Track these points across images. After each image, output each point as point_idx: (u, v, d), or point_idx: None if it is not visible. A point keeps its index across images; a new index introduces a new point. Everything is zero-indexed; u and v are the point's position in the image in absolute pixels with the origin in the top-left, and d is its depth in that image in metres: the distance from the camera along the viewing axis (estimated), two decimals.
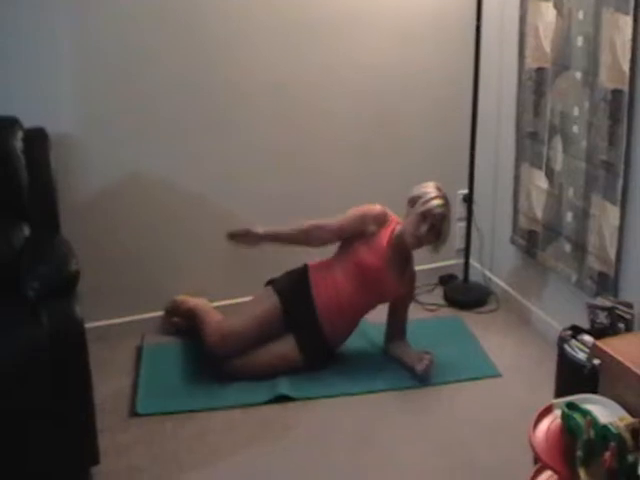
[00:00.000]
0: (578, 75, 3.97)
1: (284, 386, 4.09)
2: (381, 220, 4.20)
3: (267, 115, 4.64)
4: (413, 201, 4.15)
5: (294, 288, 4.24)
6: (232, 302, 4.65)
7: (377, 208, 4.21)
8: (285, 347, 4.17)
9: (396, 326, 4.43)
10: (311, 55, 4.63)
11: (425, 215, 4.07)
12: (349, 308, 4.21)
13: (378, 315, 4.44)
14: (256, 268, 4.54)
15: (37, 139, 3.95)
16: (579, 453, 2.46)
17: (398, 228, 4.17)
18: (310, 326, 4.18)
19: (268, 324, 4.18)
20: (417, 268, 4.68)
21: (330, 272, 4.22)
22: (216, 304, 4.56)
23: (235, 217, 4.65)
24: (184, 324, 4.57)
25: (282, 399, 4.02)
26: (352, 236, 4.19)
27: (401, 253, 4.23)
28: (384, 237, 4.17)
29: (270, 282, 4.34)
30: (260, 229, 4.16)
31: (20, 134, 3.89)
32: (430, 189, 4.14)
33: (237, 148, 4.63)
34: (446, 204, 4.14)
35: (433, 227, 4.10)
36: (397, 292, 4.30)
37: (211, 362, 4.21)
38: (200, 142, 4.56)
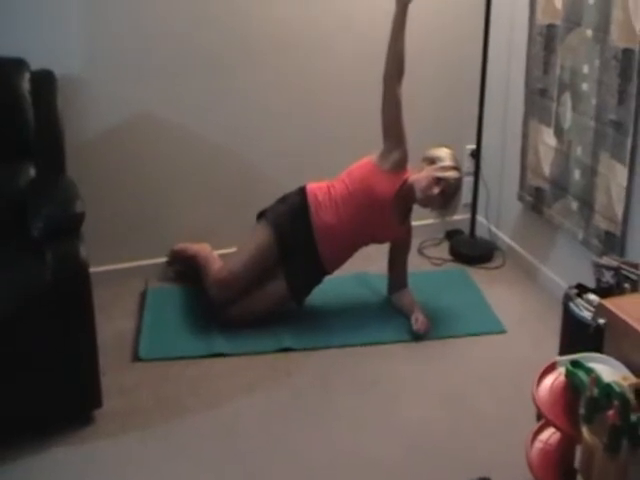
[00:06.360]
0: (589, 32, 3.95)
1: (287, 338, 4.14)
2: (402, 163, 4.20)
3: (271, 58, 4.64)
4: (430, 161, 4.20)
5: (290, 212, 4.24)
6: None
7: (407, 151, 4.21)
8: (277, 288, 4.22)
9: (397, 276, 4.47)
10: None
11: (440, 179, 4.12)
12: (347, 234, 4.22)
13: (381, 266, 4.50)
14: None
15: (44, 80, 3.97)
16: (582, 411, 2.48)
17: (412, 178, 4.19)
18: (306, 248, 4.21)
19: (264, 260, 4.21)
20: (424, 222, 4.74)
21: (332, 195, 4.22)
22: (220, 252, 4.55)
23: (240, 161, 4.71)
24: (186, 271, 4.60)
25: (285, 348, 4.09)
26: (366, 169, 4.21)
27: (406, 204, 4.27)
28: (397, 181, 4.18)
29: (262, 213, 4.34)
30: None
31: (27, 75, 3.90)
32: (448, 156, 4.20)
33: (242, 92, 4.64)
34: (460, 178, 4.21)
35: (443, 192, 4.14)
36: (394, 234, 4.35)
37: (214, 310, 4.24)
38: (205, 85, 4.57)
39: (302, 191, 4.28)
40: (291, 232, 4.21)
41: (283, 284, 4.21)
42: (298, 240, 4.22)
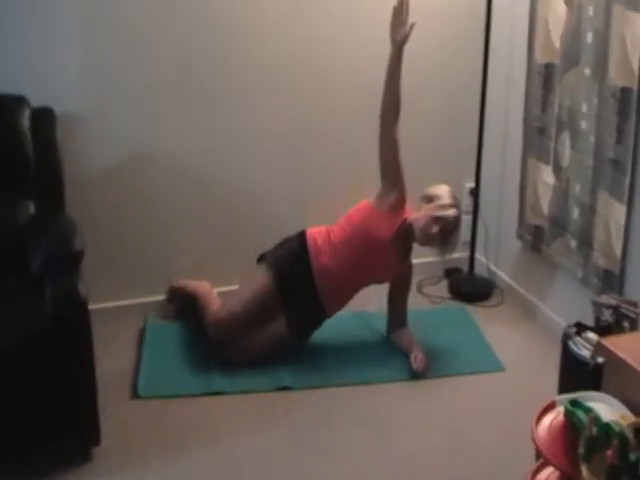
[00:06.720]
0: (587, 71, 3.97)
1: (286, 376, 4.12)
2: (400, 204, 4.19)
3: (270, 95, 4.65)
4: (428, 199, 4.20)
5: (290, 256, 4.25)
6: (235, 288, 4.59)
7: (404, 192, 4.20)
8: (277, 328, 4.20)
9: (397, 315, 4.46)
10: (317, 32, 4.66)
11: (438, 218, 4.11)
12: (347, 277, 4.22)
13: (380, 305, 4.50)
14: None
15: (44, 118, 3.99)
16: (581, 450, 2.47)
17: (411, 218, 4.19)
18: (306, 291, 4.20)
19: (263, 302, 4.20)
20: (423, 260, 4.73)
21: (331, 239, 4.22)
22: (220, 289, 4.56)
23: (239, 198, 4.72)
24: (186, 307, 4.58)
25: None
26: (364, 212, 4.21)
27: (405, 243, 4.26)
28: (395, 222, 4.17)
29: (262, 257, 4.36)
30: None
31: (27, 112, 3.93)
32: (446, 194, 4.20)
33: (240, 129, 4.65)
34: (459, 216, 4.21)
35: (442, 231, 4.13)
36: (394, 274, 4.35)
37: (213, 349, 4.23)
38: (204, 122, 4.58)
39: (302, 235, 4.29)
40: (291, 275, 4.22)
41: (283, 326, 4.20)
42: (298, 283, 4.22)
